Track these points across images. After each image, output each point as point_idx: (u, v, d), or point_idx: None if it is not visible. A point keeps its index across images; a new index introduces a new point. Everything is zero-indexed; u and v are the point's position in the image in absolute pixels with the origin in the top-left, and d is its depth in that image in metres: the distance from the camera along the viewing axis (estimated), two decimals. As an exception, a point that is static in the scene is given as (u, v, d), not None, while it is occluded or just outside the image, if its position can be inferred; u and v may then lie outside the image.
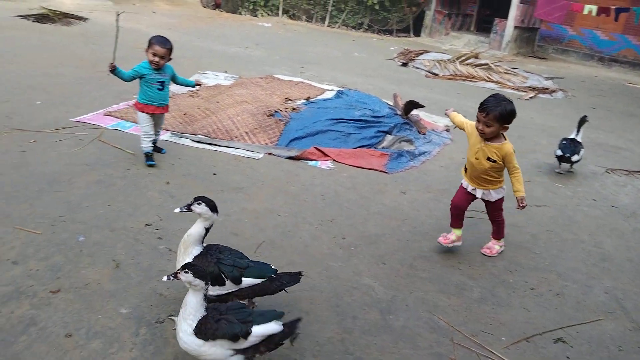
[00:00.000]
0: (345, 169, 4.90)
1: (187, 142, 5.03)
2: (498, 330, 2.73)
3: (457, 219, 3.51)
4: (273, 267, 2.52)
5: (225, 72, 8.91)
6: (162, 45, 4.10)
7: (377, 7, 20.08)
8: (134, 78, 4.21)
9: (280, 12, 21.73)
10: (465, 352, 2.53)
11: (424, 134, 6.15)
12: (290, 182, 4.44)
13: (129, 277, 2.77)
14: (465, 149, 5.94)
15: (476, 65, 11.85)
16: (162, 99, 4.30)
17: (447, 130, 6.57)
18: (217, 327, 1.96)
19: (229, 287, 2.39)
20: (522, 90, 10.47)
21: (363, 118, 5.85)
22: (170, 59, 4.24)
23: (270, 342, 2.05)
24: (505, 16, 16.39)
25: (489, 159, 3.21)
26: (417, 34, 20.82)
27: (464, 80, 11.02)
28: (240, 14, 22.17)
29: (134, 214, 3.49)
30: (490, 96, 3.17)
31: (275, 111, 5.66)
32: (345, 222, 3.82)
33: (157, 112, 4.32)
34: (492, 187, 3.35)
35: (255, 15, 21.98)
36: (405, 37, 20.92)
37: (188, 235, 2.46)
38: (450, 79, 11.06)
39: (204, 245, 2.51)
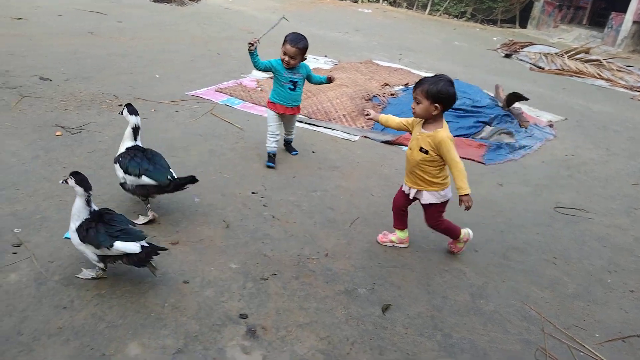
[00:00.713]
0: (440, 157, 4.93)
1: (289, 120, 5.28)
2: (591, 327, 2.69)
3: (397, 218, 3.19)
4: (171, 176, 2.97)
5: (325, 56, 9.12)
6: (292, 44, 3.86)
7: (481, -5, 19.37)
8: (265, 69, 4.08)
9: (380, -2, 21.64)
10: (556, 343, 2.53)
11: (526, 127, 5.97)
12: (384, 165, 4.55)
13: (238, 237, 3.04)
14: (569, 146, 5.74)
15: (586, 61, 11.15)
16: (293, 100, 4.10)
17: (551, 126, 6.33)
18: (86, 234, 2.34)
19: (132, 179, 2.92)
20: (635, 90, 9.74)
21: (462, 107, 5.80)
22: (304, 58, 4.03)
23: (132, 258, 2.38)
24: (623, 10, 15.19)
25: (421, 149, 2.82)
26: (523, 25, 19.89)
27: (571, 75, 10.44)
28: (341, -1, 22.35)
29: (241, 182, 3.77)
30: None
31: (374, 96, 5.77)
32: (438, 207, 3.87)
33: (286, 113, 4.14)
34: (425, 187, 2.92)
35: (356, 1, 22.05)
36: (510, 27, 20.05)
37: (124, 135, 3.08)
38: (556, 73, 10.52)
39: (138, 143, 3.07)
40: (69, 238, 2.77)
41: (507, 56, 12.38)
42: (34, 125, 4.15)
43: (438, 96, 2.71)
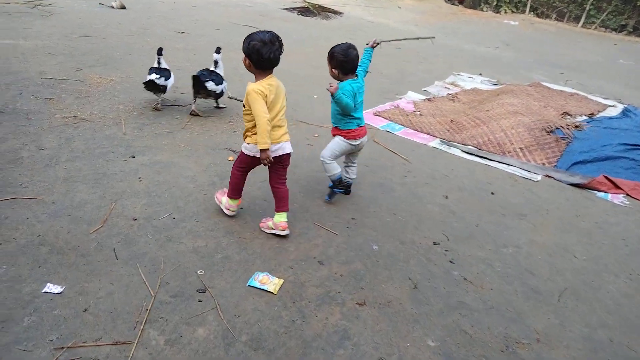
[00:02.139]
0: (645, 209, 4.13)
1: (457, 152, 4.79)
2: None
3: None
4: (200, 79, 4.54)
5: (480, 74, 8.47)
6: None
7: (650, 6, 17.19)
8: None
9: (527, 9, 20.17)
10: None
11: None
12: (580, 215, 3.88)
13: (429, 303, 2.64)
14: None
15: None
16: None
17: None
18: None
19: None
20: None
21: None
22: (339, 75, 3.27)
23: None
24: None
25: (243, 103, 2.89)
26: (700, 40, 17.33)
27: None
28: (482, 9, 21.23)
29: (419, 228, 3.37)
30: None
31: (556, 127, 5.07)
32: (661, 280, 3.16)
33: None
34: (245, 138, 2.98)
35: (498, 12, 20.80)
36: (682, 42, 17.57)
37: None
38: None
39: (216, 70, 4.88)
40: (253, 285, 2.57)
41: (690, 78, 10.70)
42: (206, 147, 4.12)
43: (244, 49, 2.74)
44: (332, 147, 3.42)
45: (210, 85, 4.61)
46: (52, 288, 2.39)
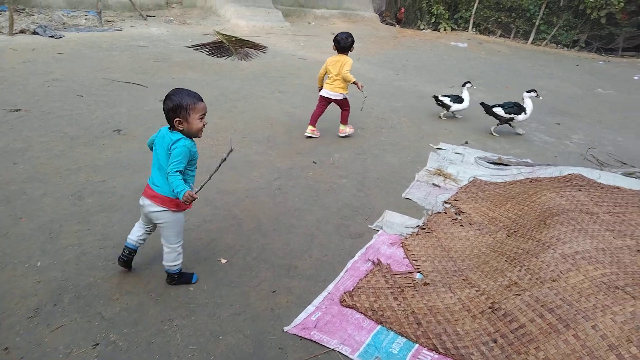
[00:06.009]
0: None
1: None
2: None
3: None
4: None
5: (466, 143, 6.01)
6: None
7: (603, 20, 15.73)
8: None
9: (470, 26, 18.36)
10: None
11: None
12: None
13: None
14: None
15: None
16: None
17: None
18: None
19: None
20: None
21: None
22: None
23: None
24: None
25: None
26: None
27: None
28: (419, 27, 19.28)
29: None
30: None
31: None
32: None
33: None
34: None
35: (437, 29, 18.91)
36: (633, 57, 16.36)
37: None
38: None
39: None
40: None
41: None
42: None
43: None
44: None
45: (497, 110, 6.32)
46: None
